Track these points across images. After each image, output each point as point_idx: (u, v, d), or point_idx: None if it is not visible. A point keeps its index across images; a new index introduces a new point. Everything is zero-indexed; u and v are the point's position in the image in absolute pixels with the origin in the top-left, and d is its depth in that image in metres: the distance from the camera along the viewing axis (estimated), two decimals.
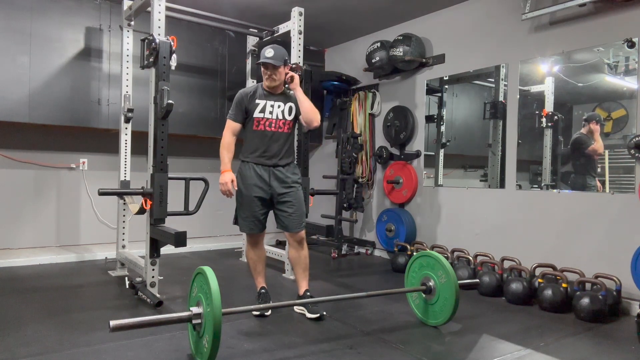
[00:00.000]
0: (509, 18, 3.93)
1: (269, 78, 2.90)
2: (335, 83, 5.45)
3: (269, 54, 2.85)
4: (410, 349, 2.45)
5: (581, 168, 3.61)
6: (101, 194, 3.10)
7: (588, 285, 3.17)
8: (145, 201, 3.13)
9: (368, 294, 2.75)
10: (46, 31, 4.17)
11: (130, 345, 2.37)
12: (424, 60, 4.61)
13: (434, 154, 4.71)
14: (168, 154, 3.14)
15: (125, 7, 3.86)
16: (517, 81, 3.90)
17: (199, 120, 5.02)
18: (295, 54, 3.86)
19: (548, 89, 3.76)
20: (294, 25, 3.93)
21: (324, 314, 2.89)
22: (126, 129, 3.95)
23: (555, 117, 3.71)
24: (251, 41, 4.64)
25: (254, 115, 2.91)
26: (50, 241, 4.69)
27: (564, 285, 3.19)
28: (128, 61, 3.91)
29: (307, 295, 2.98)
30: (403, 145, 4.92)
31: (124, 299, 3.20)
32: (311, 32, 4.37)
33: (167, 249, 3.27)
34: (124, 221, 3.96)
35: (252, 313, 2.87)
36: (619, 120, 3.35)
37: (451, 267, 2.71)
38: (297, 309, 3.01)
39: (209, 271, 2.12)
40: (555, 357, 2.40)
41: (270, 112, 2.92)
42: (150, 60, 3.12)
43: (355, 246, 5.31)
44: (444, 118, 4.66)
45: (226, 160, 2.90)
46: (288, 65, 2.94)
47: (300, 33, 3.91)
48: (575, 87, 3.63)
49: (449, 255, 4.13)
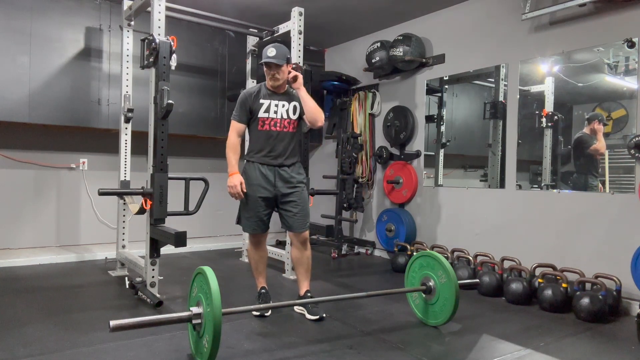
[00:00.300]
0: (509, 18, 3.93)
1: (272, 78, 2.87)
2: (335, 83, 5.45)
3: (270, 53, 2.83)
4: (410, 349, 2.45)
5: (583, 168, 3.60)
6: (101, 194, 3.10)
7: (588, 285, 3.17)
8: (145, 201, 3.13)
9: (368, 294, 2.75)
10: (46, 31, 4.17)
11: (130, 345, 2.37)
12: (424, 60, 4.61)
13: (434, 154, 4.71)
14: (168, 154, 3.14)
15: (125, 7, 3.86)
16: (517, 81, 3.90)
17: (199, 120, 5.02)
18: (295, 54, 3.87)
19: (548, 89, 3.76)
20: (294, 25, 3.93)
21: (324, 316, 2.88)
22: (126, 129, 3.95)
23: (555, 117, 3.71)
24: (251, 41, 4.65)
25: (259, 115, 2.90)
26: (50, 241, 4.69)
27: (564, 285, 3.19)
28: (128, 61, 3.91)
29: (308, 295, 2.98)
30: (403, 145, 4.92)
31: (124, 299, 3.20)
32: (311, 32, 4.37)
33: (167, 249, 3.27)
34: (124, 221, 3.96)
35: (252, 313, 2.87)
36: (619, 120, 3.35)
37: (451, 267, 2.71)
38: (297, 309, 3.00)
39: (209, 271, 2.12)
40: (555, 357, 2.40)
41: (275, 112, 2.91)
42: (150, 60, 3.12)
43: (355, 246, 5.31)
44: (444, 118, 4.66)
45: (233, 162, 2.88)
46: (291, 64, 2.93)
47: (300, 33, 3.91)
48: (575, 87, 3.63)
49: (449, 255, 4.13)
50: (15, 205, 4.51)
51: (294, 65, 3.01)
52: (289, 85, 2.95)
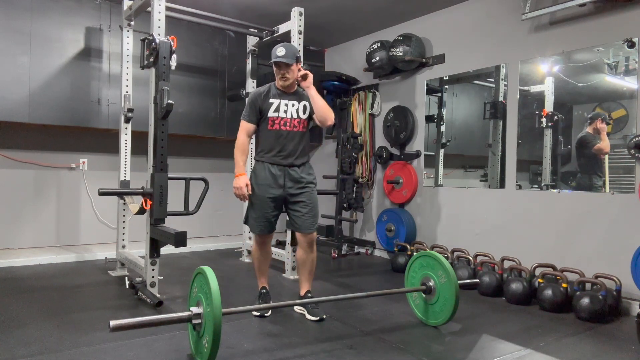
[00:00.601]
0: (509, 18, 3.93)
1: (282, 77, 2.86)
2: (335, 83, 5.45)
3: (280, 53, 2.82)
4: (410, 349, 2.45)
5: (587, 167, 3.58)
6: (101, 194, 3.11)
7: (588, 285, 3.17)
8: (145, 201, 3.13)
9: (368, 294, 2.75)
10: (46, 31, 4.17)
11: (130, 345, 2.37)
12: (424, 60, 4.61)
13: (434, 154, 4.71)
14: (168, 154, 3.14)
15: (125, 7, 3.86)
16: (517, 81, 3.90)
17: (199, 120, 5.02)
18: None
19: (548, 89, 3.76)
20: (294, 25, 3.93)
21: (324, 317, 2.88)
22: (126, 129, 3.95)
23: (555, 117, 3.71)
24: (251, 41, 4.65)
25: (269, 115, 2.88)
26: (50, 241, 4.69)
27: (564, 285, 3.19)
28: (128, 61, 3.91)
29: (308, 296, 2.98)
30: (403, 145, 4.92)
31: (124, 299, 3.20)
32: (311, 32, 4.38)
33: (167, 249, 3.27)
34: (124, 221, 3.96)
35: (252, 313, 2.87)
36: (619, 120, 3.34)
37: (451, 267, 2.71)
38: (298, 309, 3.00)
39: (209, 271, 2.12)
40: (555, 357, 2.40)
41: (285, 111, 2.89)
42: (150, 60, 3.12)
43: (355, 246, 5.31)
44: (444, 118, 4.66)
45: (241, 163, 2.86)
46: (300, 63, 2.92)
47: (300, 33, 3.91)
48: (575, 87, 3.63)
49: (449, 255, 4.13)
50: (15, 205, 4.51)
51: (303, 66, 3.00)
52: (298, 84, 2.94)
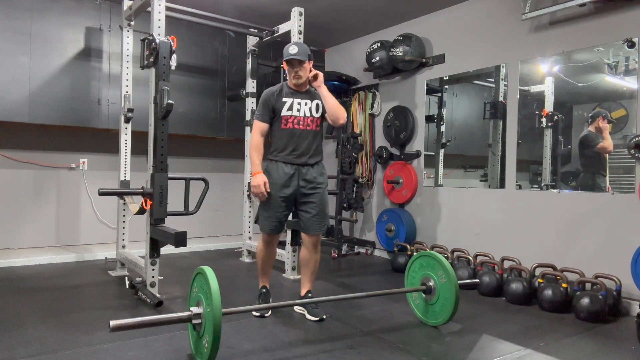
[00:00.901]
0: (509, 18, 3.93)
1: (295, 75, 2.86)
2: (335, 83, 5.45)
3: (293, 51, 2.82)
4: (410, 349, 2.45)
5: (590, 167, 3.57)
6: (101, 194, 3.11)
7: (588, 285, 3.17)
8: (145, 201, 3.13)
9: (368, 294, 2.75)
10: (46, 31, 4.17)
11: (130, 345, 2.37)
12: (424, 60, 4.61)
13: (434, 154, 4.71)
14: (168, 154, 3.14)
15: (125, 7, 3.86)
16: (517, 81, 3.90)
17: (199, 120, 5.02)
18: None
19: (548, 89, 3.76)
20: (294, 25, 3.93)
21: (324, 317, 2.88)
22: (126, 129, 3.95)
23: (555, 117, 3.71)
24: (251, 41, 4.65)
25: (282, 114, 2.88)
26: (50, 241, 4.69)
27: (564, 285, 3.19)
28: (128, 61, 3.91)
29: (309, 296, 2.98)
30: (403, 145, 4.92)
31: (124, 299, 3.20)
32: (311, 32, 4.37)
33: (167, 249, 3.27)
34: (124, 221, 3.96)
35: (252, 313, 2.87)
36: (619, 120, 3.34)
37: (451, 267, 2.71)
38: (298, 309, 3.00)
39: (209, 271, 2.12)
40: (555, 357, 2.40)
41: (298, 110, 2.89)
42: (150, 60, 3.12)
43: (355, 246, 5.31)
44: (444, 118, 4.66)
45: (257, 162, 2.87)
46: (312, 61, 2.92)
47: (300, 33, 3.91)
48: (575, 87, 3.63)
49: (449, 255, 4.13)
50: (15, 205, 4.51)
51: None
52: (310, 84, 2.95)
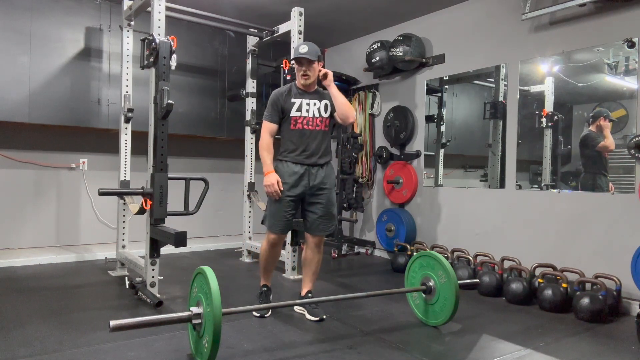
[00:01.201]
0: (509, 18, 3.93)
1: (303, 75, 2.86)
2: (336, 83, 5.41)
3: (303, 50, 2.83)
4: (410, 349, 2.45)
5: (590, 166, 3.56)
6: (101, 194, 3.11)
7: (588, 285, 3.17)
8: (145, 201, 3.13)
9: (368, 294, 2.75)
10: (46, 31, 4.17)
11: (130, 345, 2.37)
12: (424, 60, 4.61)
13: (434, 154, 4.71)
14: (168, 154, 3.14)
15: (125, 7, 3.86)
16: (517, 81, 3.90)
17: (199, 120, 5.02)
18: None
19: (548, 89, 3.76)
20: (294, 25, 3.93)
21: (324, 317, 2.88)
22: (126, 129, 3.95)
23: (555, 117, 3.71)
24: (251, 41, 4.64)
25: (291, 115, 2.88)
26: (50, 241, 4.69)
27: (564, 285, 3.19)
28: (128, 61, 3.91)
29: (309, 296, 2.98)
30: (403, 145, 4.92)
31: (124, 299, 3.20)
32: (311, 32, 4.37)
33: (167, 249, 3.27)
34: (124, 221, 3.96)
35: (252, 313, 2.87)
36: (619, 120, 3.34)
37: (451, 267, 2.71)
38: (298, 309, 3.00)
39: (209, 271, 2.12)
40: (555, 357, 2.40)
41: (307, 110, 2.89)
42: (150, 60, 3.12)
43: (355, 246, 5.31)
44: (444, 118, 4.66)
45: (268, 161, 2.86)
46: (321, 62, 2.92)
47: (300, 33, 3.91)
48: (575, 87, 3.63)
49: (449, 255, 4.13)
50: (15, 205, 4.51)
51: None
52: (319, 84, 2.94)
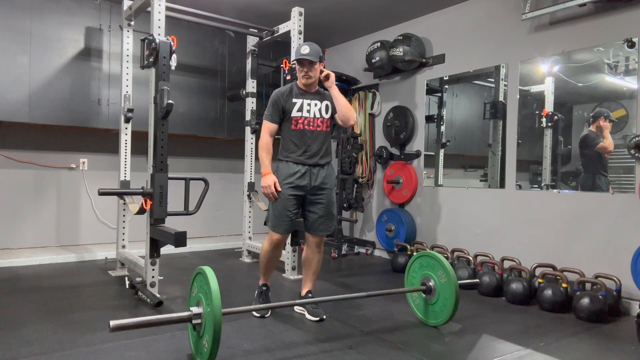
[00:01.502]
0: (509, 18, 3.93)
1: (305, 75, 2.86)
2: (336, 83, 5.43)
3: (304, 51, 2.82)
4: (410, 349, 2.45)
5: (590, 167, 3.56)
6: (101, 194, 3.11)
7: (588, 285, 3.17)
8: (145, 201, 3.13)
9: (368, 294, 2.75)
10: (46, 31, 4.17)
11: (130, 345, 2.37)
12: (424, 60, 4.61)
13: (434, 154, 4.71)
14: (168, 154, 3.14)
15: (125, 7, 3.86)
16: (517, 81, 3.90)
17: (199, 120, 5.02)
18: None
19: (548, 89, 3.76)
20: (294, 25, 3.93)
21: (324, 317, 2.87)
22: (126, 129, 3.95)
23: (555, 117, 3.71)
24: (251, 41, 4.64)
25: (292, 115, 2.87)
26: (50, 241, 4.69)
27: (564, 285, 3.19)
28: (128, 61, 3.91)
29: (309, 296, 2.98)
30: (403, 145, 4.92)
31: (124, 299, 3.20)
32: (311, 32, 4.37)
33: (167, 249, 3.27)
34: (124, 221, 3.96)
35: (252, 313, 2.87)
36: (619, 120, 3.34)
37: (451, 267, 2.71)
38: (298, 309, 3.00)
39: (209, 271, 2.12)
40: (555, 357, 2.40)
41: (308, 111, 2.89)
42: (150, 60, 3.12)
43: (355, 246, 5.31)
44: (444, 118, 4.66)
45: (266, 162, 2.86)
46: (323, 62, 2.92)
47: (300, 33, 3.91)
48: (575, 87, 3.63)
49: (449, 255, 4.13)
50: (15, 205, 4.51)
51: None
52: (320, 84, 2.94)
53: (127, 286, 3.37)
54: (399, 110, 4.92)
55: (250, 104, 4.65)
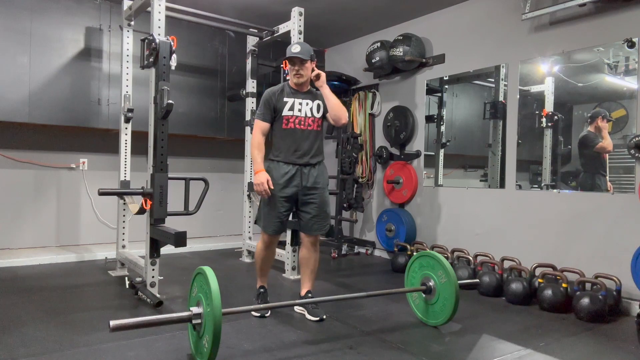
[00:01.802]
0: (509, 18, 3.93)
1: (296, 74, 2.86)
2: (336, 83, 5.44)
3: (295, 49, 2.83)
4: (410, 349, 2.45)
5: (590, 167, 3.56)
6: (101, 194, 3.11)
7: (588, 285, 3.17)
8: (145, 201, 3.13)
9: (368, 294, 2.75)
10: (46, 31, 4.17)
11: (130, 345, 2.37)
12: (424, 60, 4.61)
13: (434, 154, 4.71)
14: (168, 154, 3.14)
15: (125, 7, 3.86)
16: (517, 81, 3.90)
17: (199, 120, 5.02)
18: None
19: (548, 89, 3.76)
20: (294, 25, 3.93)
21: (324, 317, 2.87)
22: (126, 129, 3.95)
23: (555, 117, 3.71)
24: (251, 41, 4.64)
25: (283, 114, 2.88)
26: (50, 241, 4.69)
27: (564, 285, 3.19)
28: (128, 61, 3.91)
29: (309, 296, 2.98)
30: (403, 145, 4.92)
31: (124, 299, 3.20)
32: (311, 32, 4.37)
33: (167, 249, 3.27)
34: (124, 221, 3.96)
35: (252, 313, 2.87)
36: (619, 120, 3.34)
37: (451, 267, 2.71)
38: (298, 309, 3.00)
39: (209, 271, 2.12)
40: (555, 357, 2.40)
41: (299, 110, 2.89)
42: (150, 60, 3.12)
43: (355, 246, 5.31)
44: (444, 118, 4.66)
45: (259, 160, 2.85)
46: (314, 61, 2.92)
47: (300, 33, 3.91)
48: (575, 87, 3.63)
49: (449, 255, 4.13)
50: (15, 205, 4.51)
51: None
52: (312, 84, 2.94)
53: (127, 286, 3.37)
54: (399, 110, 4.92)
55: (250, 104, 4.65)
